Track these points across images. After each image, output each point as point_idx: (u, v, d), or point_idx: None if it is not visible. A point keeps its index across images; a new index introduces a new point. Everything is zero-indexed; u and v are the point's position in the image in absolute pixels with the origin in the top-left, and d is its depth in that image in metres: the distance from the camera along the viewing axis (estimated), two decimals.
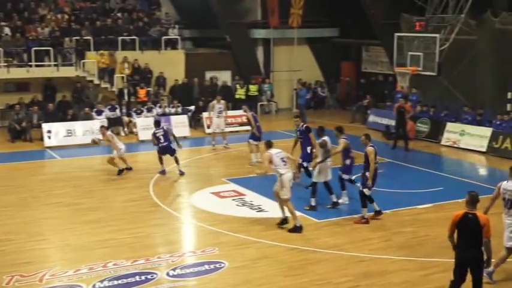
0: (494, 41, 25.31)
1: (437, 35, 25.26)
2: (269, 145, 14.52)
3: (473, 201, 9.95)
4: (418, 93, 28.06)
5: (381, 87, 31.99)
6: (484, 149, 23.20)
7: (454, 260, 10.14)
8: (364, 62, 35.21)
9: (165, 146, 19.40)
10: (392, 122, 26.54)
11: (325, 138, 16.31)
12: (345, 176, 16.51)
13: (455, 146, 24.12)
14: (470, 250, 9.81)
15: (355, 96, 32.91)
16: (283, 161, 14.11)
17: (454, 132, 24.53)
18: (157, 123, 20.11)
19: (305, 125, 17.99)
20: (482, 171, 21.90)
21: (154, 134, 19.54)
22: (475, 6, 24.84)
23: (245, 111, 22.25)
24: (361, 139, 15.46)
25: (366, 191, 14.77)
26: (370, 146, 15.12)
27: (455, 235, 10.03)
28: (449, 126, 24.87)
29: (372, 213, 15.16)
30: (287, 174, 14.04)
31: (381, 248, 13.22)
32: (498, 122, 23.68)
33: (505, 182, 11.41)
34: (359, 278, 11.62)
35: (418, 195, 17.00)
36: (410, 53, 26.50)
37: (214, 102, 23.98)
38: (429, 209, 16.04)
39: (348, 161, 16.46)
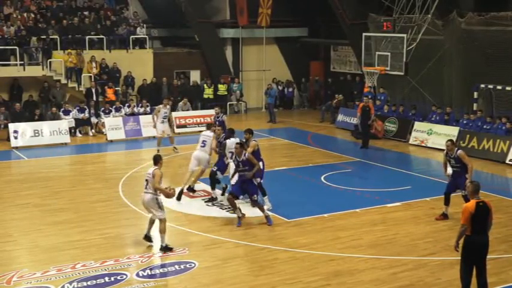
0: (460, 41, 25.62)
1: (404, 35, 25.47)
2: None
3: (478, 189, 10.41)
4: (386, 92, 28.30)
5: (349, 86, 32.21)
6: None
7: (459, 258, 10.44)
8: (332, 62, 35.42)
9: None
10: None
11: (232, 140, 15.95)
12: (257, 180, 15.39)
13: (423, 145, 24.37)
14: (483, 236, 10.29)
15: (324, 96, 33.09)
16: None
17: (422, 132, 24.78)
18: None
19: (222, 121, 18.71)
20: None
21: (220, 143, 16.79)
22: (441, 6, 25.12)
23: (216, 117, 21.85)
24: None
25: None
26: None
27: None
28: (417, 125, 25.13)
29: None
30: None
31: (351, 247, 13.29)
32: (465, 121, 24.01)
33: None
34: (329, 277, 11.67)
35: (387, 194, 17.14)
36: (378, 52, 26.71)
37: (160, 106, 22.87)
38: (398, 207, 16.18)
39: (259, 164, 16.16)
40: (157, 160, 13.25)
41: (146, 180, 13.05)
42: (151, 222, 13.30)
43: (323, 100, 32.49)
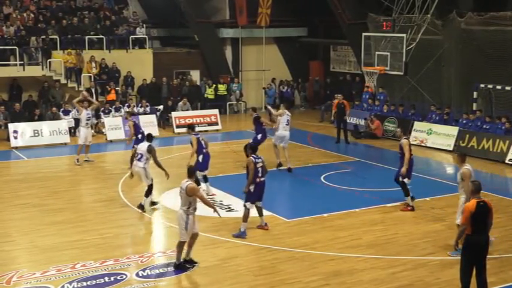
0: (459, 41, 25.63)
1: (404, 35, 25.50)
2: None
3: (479, 189, 10.42)
4: (385, 92, 28.31)
5: (349, 86, 32.20)
6: (450, 148, 23.49)
7: (458, 257, 10.56)
8: (332, 62, 35.44)
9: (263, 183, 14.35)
10: (361, 121, 26.80)
11: (144, 144, 15.97)
12: (199, 173, 16.17)
13: (423, 144, 24.37)
14: (483, 235, 10.31)
15: (324, 96, 33.09)
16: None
17: (421, 131, 24.78)
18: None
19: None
20: (449, 170, 22.16)
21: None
22: (441, 6, 25.13)
23: (126, 118, 21.61)
24: None
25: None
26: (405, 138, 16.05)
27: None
28: (417, 125, 25.13)
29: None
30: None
31: (350, 247, 13.30)
32: (464, 121, 24.01)
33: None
34: (329, 277, 11.67)
35: (387, 193, 17.13)
36: (377, 52, 26.74)
37: (82, 108, 21.06)
38: (398, 207, 16.18)
39: (200, 157, 16.56)
40: (192, 173, 12.18)
41: (180, 195, 12.02)
42: (189, 244, 12.22)
43: (323, 100, 32.46)
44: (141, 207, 15.74)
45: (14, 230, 14.53)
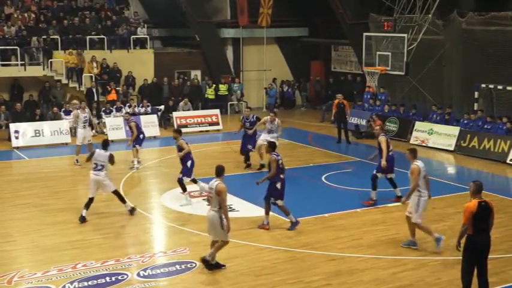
0: (460, 41, 25.62)
1: (405, 35, 25.49)
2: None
3: (480, 189, 10.40)
4: (386, 92, 28.29)
5: (350, 86, 32.20)
6: (452, 148, 23.48)
7: (459, 257, 10.53)
8: (333, 62, 35.42)
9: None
10: (362, 121, 26.80)
11: (101, 152, 15.65)
12: (186, 179, 16.26)
13: (424, 144, 24.35)
14: (485, 235, 10.30)
15: (325, 96, 33.09)
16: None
17: (423, 131, 24.77)
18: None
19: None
20: (451, 170, 22.17)
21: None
22: (442, 6, 25.11)
23: (127, 119, 21.42)
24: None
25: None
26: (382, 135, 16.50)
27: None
28: (418, 125, 25.11)
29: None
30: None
31: (351, 247, 13.29)
32: (465, 121, 23.99)
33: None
34: (330, 277, 11.67)
35: (388, 193, 17.11)
36: (378, 52, 26.72)
37: (78, 111, 21.24)
38: (399, 207, 16.13)
39: (189, 163, 16.32)
40: (221, 171, 11.94)
41: (210, 196, 11.84)
42: (213, 244, 12.03)
43: (324, 100, 32.45)
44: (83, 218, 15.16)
45: (15, 230, 14.54)
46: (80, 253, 12.85)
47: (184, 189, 16.31)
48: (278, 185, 14.17)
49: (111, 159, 15.17)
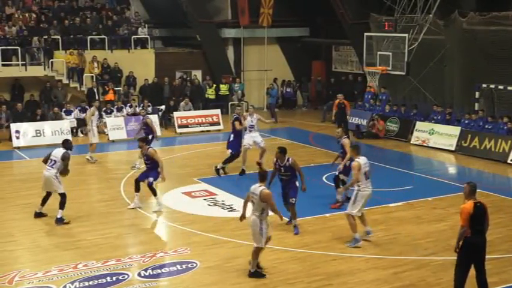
0: (461, 41, 25.61)
1: (406, 35, 25.48)
2: None
3: (475, 190, 10.38)
4: (387, 92, 28.29)
5: (351, 86, 32.20)
6: (453, 148, 23.47)
7: (455, 257, 10.52)
8: (334, 62, 35.43)
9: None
10: (363, 121, 26.80)
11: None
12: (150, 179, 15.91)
13: (425, 144, 24.35)
14: (482, 236, 10.29)
15: (326, 96, 33.09)
16: None
17: (424, 131, 24.76)
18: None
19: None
20: (452, 170, 22.16)
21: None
22: (442, 6, 25.11)
23: (142, 115, 21.77)
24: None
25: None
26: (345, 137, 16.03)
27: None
28: (419, 125, 25.11)
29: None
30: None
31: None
32: (466, 121, 23.98)
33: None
34: (331, 277, 11.67)
35: (389, 193, 17.12)
36: (379, 52, 26.72)
37: (93, 109, 22.01)
38: (400, 207, 16.18)
39: (158, 168, 15.99)
40: (264, 177, 11.78)
41: (252, 201, 11.61)
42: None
43: (325, 100, 32.45)
44: (38, 214, 15.24)
45: (16, 229, 14.54)
46: (81, 253, 12.86)
47: (155, 194, 15.95)
48: (297, 183, 14.35)
49: (63, 157, 14.84)
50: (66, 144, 15.28)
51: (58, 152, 15.00)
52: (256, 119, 19.74)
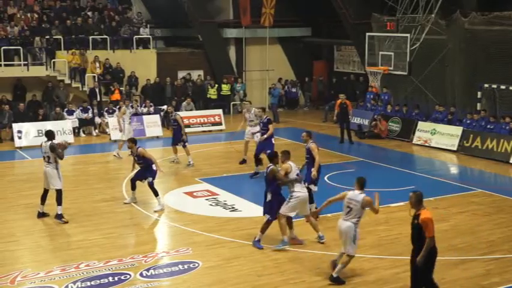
0: (463, 41, 25.59)
1: (407, 35, 25.44)
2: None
3: (422, 200, 10.25)
4: (389, 92, 28.28)
5: (353, 86, 32.20)
6: (454, 148, 23.46)
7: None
8: (336, 62, 35.43)
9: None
10: (365, 121, 26.80)
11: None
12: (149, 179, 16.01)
13: (427, 144, 24.34)
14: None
15: (328, 96, 33.09)
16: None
17: (425, 131, 24.75)
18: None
19: None
20: (453, 170, 22.14)
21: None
22: (444, 6, 25.10)
23: (171, 112, 22.02)
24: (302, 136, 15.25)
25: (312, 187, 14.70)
26: (312, 142, 15.02)
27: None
28: (421, 125, 25.10)
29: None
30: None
31: None
32: (468, 121, 23.96)
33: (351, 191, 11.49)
34: None
35: (391, 193, 17.11)
36: (381, 52, 26.67)
37: (124, 107, 22.57)
38: (402, 207, 16.14)
39: (153, 166, 16.10)
40: (364, 184, 11.49)
41: (348, 207, 11.38)
42: (340, 256, 11.65)
43: (327, 100, 32.45)
44: (41, 215, 15.26)
45: (18, 229, 14.56)
46: (83, 253, 12.86)
47: (156, 194, 15.95)
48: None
49: (52, 148, 14.99)
50: (49, 135, 15.41)
51: (46, 147, 15.18)
52: (254, 114, 20.15)
